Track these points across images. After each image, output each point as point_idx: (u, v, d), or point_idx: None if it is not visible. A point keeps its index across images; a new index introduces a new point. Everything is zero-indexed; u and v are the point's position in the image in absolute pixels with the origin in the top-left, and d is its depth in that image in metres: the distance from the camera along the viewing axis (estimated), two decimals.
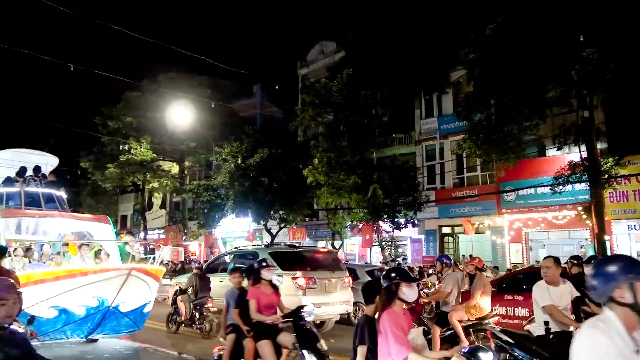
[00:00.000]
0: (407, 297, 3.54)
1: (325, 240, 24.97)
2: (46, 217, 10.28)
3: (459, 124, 20.31)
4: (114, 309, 7.77)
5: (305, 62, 28.95)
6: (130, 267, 7.88)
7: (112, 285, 7.52)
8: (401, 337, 3.34)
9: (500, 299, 9.73)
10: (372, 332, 3.52)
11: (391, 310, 3.47)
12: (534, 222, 18.92)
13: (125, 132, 29.13)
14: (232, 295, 6.17)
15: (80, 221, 10.83)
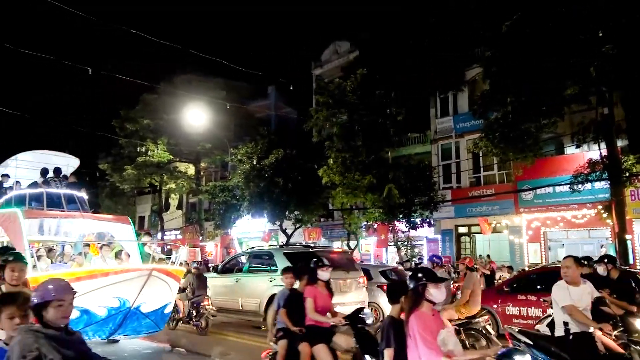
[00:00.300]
0: (434, 298, 3.43)
1: (341, 240, 24.93)
2: (67, 217, 10.33)
3: (475, 123, 20.09)
4: (135, 310, 7.73)
5: (319, 63, 28.96)
6: (151, 267, 7.86)
7: (134, 286, 7.48)
8: (430, 341, 3.24)
9: (513, 299, 9.63)
10: (397, 334, 3.43)
11: (419, 312, 3.36)
12: (552, 222, 18.62)
13: (142, 134, 29.47)
14: (283, 296, 5.84)
15: (101, 222, 10.88)
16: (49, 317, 2.73)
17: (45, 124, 49.69)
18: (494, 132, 15.20)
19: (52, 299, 2.74)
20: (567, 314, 4.66)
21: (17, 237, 8.89)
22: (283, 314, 5.59)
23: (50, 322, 2.73)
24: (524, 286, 9.95)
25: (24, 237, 8.69)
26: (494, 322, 9.54)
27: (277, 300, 5.87)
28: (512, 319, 9.36)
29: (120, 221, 11.07)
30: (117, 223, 10.95)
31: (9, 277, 3.99)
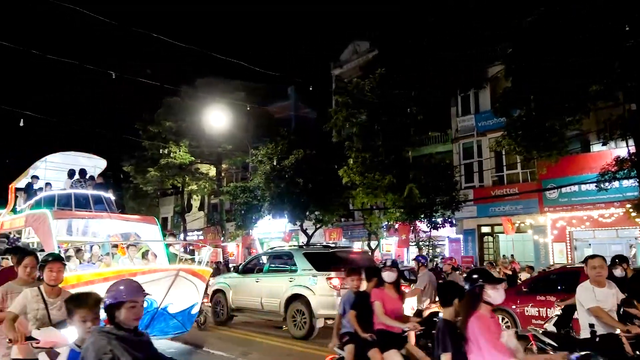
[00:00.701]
0: (493, 299, 3.25)
1: (362, 240, 24.84)
2: (95, 218, 10.46)
3: (497, 121, 19.77)
4: (162, 310, 7.67)
5: (338, 63, 28.92)
6: (178, 267, 7.81)
7: (161, 286, 7.36)
8: (498, 344, 3.08)
9: (532, 300, 9.48)
10: (453, 338, 3.28)
11: (480, 314, 3.20)
12: (578, 221, 18.19)
13: (164, 136, 29.91)
14: (349, 299, 5.44)
15: (128, 222, 10.96)
16: (121, 318, 2.72)
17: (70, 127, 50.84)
18: (516, 130, 14.93)
19: (125, 300, 2.73)
20: (593, 315, 4.54)
21: (46, 237, 9.03)
22: (352, 317, 5.20)
23: (122, 323, 2.72)
24: (543, 287, 9.76)
25: (53, 238, 8.80)
26: (512, 323, 9.48)
27: (342, 304, 5.53)
28: (531, 320, 9.20)
29: (147, 221, 11.14)
30: (143, 223, 11.03)
31: (48, 277, 4.02)
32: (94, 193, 10.97)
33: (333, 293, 9.57)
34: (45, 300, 3.99)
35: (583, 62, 12.00)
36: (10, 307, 3.98)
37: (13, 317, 3.84)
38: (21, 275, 4.40)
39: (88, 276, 7.66)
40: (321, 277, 9.91)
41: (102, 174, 12.75)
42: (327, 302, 9.57)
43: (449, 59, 17.42)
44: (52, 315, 3.95)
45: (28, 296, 3.94)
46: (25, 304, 3.91)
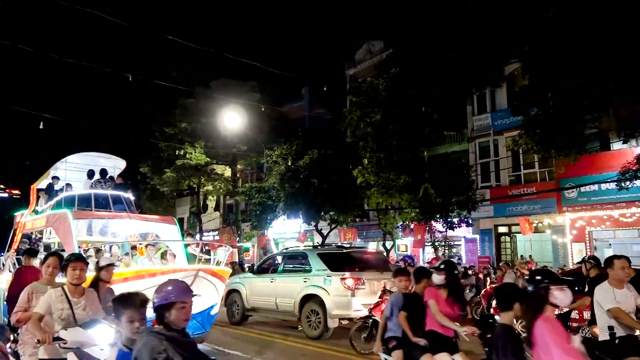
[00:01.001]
0: (560, 301, 3.09)
1: (377, 241, 24.74)
2: (114, 218, 10.43)
3: (514, 119, 19.50)
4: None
5: (352, 63, 28.86)
6: (197, 267, 7.69)
7: None
8: (571, 349, 2.87)
9: None
10: (514, 344, 3.15)
11: (547, 317, 3.05)
12: (598, 220, 17.84)
13: (180, 138, 30.20)
14: (397, 301, 5.17)
15: (148, 222, 10.93)
16: (171, 318, 2.69)
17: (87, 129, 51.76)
18: (534, 128, 14.69)
19: (175, 301, 2.70)
20: (612, 317, 4.43)
21: (67, 237, 9.04)
22: (403, 319, 4.94)
23: (172, 324, 2.69)
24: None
25: (73, 238, 8.82)
26: None
27: (390, 306, 5.26)
28: None
29: (166, 221, 11.06)
30: (162, 223, 10.97)
31: (71, 276, 4.06)
32: (113, 193, 10.98)
33: (347, 293, 9.54)
34: (70, 300, 4.03)
35: (602, 58, 11.77)
36: (35, 307, 4.02)
37: (39, 318, 3.88)
38: (45, 275, 4.48)
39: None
40: (335, 277, 9.89)
41: (121, 174, 12.85)
42: (341, 303, 9.54)
43: (463, 57, 17.23)
44: (77, 315, 3.99)
45: (52, 296, 3.98)
46: (50, 304, 3.94)
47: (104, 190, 11.04)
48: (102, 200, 10.55)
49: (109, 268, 5.22)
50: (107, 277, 5.24)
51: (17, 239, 11.99)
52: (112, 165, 12.42)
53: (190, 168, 30.14)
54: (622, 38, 11.45)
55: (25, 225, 12.05)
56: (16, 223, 13.05)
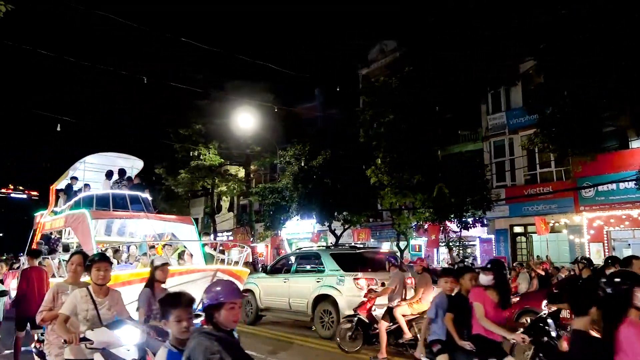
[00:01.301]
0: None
1: (390, 241, 24.62)
2: (132, 218, 10.40)
3: (529, 118, 19.30)
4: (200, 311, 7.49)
5: (365, 62, 28.78)
6: (215, 268, 7.55)
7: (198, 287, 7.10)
8: None
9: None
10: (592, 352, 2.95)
11: (632, 321, 2.85)
12: (616, 220, 17.52)
13: (194, 139, 30.41)
14: (442, 303, 4.99)
15: (165, 222, 10.88)
16: (221, 319, 2.69)
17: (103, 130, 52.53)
18: (550, 127, 14.50)
19: (225, 301, 2.70)
20: None
21: (85, 237, 9.02)
22: (449, 321, 4.73)
23: (221, 325, 2.69)
24: None
25: (92, 238, 8.79)
26: None
27: (434, 308, 5.06)
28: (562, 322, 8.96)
29: (184, 221, 11.02)
30: (180, 223, 10.91)
31: (96, 276, 4.05)
32: (131, 193, 10.93)
33: (360, 294, 9.50)
34: (94, 300, 4.02)
35: (620, 55, 11.57)
36: (61, 308, 4.01)
37: (65, 319, 3.88)
38: (69, 273, 4.52)
39: (125, 276, 7.57)
40: (348, 277, 9.87)
41: (138, 174, 12.83)
42: (354, 303, 9.50)
43: (477, 55, 17.09)
44: (102, 315, 4.00)
45: (77, 297, 3.98)
46: (75, 305, 3.94)
47: (121, 191, 11.02)
48: (120, 201, 10.55)
49: (164, 267, 5.09)
50: (162, 277, 5.11)
51: (36, 239, 12.08)
52: (130, 166, 12.43)
53: (204, 169, 30.33)
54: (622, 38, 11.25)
55: (44, 225, 12.12)
56: (36, 223, 13.16)
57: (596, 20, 11.65)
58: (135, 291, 6.86)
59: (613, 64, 11.70)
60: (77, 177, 12.23)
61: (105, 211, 10.12)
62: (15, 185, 76.77)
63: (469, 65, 18.75)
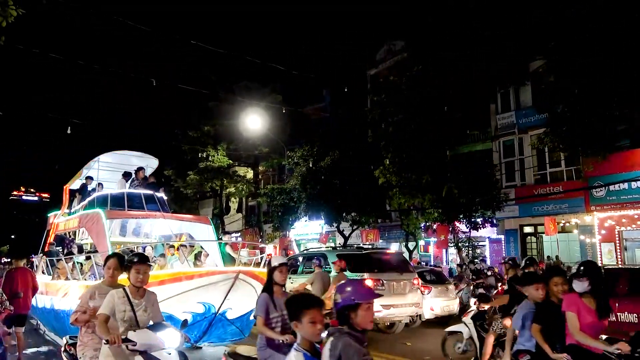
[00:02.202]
0: None
1: (399, 241, 24.50)
2: (148, 217, 10.11)
3: (539, 117, 19.11)
4: (220, 316, 7.05)
5: (373, 63, 28.71)
6: (237, 270, 7.14)
7: (219, 290, 6.76)
8: None
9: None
10: None
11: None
12: (629, 220, 17.26)
13: (203, 140, 30.56)
14: (528, 311, 4.51)
15: (182, 222, 10.55)
16: (358, 320, 2.62)
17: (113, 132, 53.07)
18: (560, 126, 14.33)
19: (361, 302, 2.63)
20: None
21: (99, 237, 8.77)
22: (536, 333, 4.24)
23: (357, 325, 2.62)
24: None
25: (106, 238, 8.51)
26: None
27: (520, 317, 4.59)
28: None
29: (200, 221, 10.78)
30: (197, 223, 10.64)
31: (135, 278, 3.96)
32: (146, 192, 10.59)
33: None
34: (131, 301, 3.93)
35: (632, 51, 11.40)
36: (100, 309, 3.91)
37: (105, 319, 3.80)
38: (106, 277, 4.43)
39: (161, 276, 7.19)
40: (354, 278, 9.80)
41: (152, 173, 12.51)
42: None
43: (484, 55, 16.95)
44: (139, 317, 3.90)
45: (115, 297, 3.90)
46: (113, 305, 3.87)
47: (137, 190, 10.69)
48: (135, 200, 10.29)
49: (282, 268, 4.50)
50: (281, 279, 4.47)
51: (49, 240, 11.92)
52: (145, 164, 12.11)
53: (213, 170, 30.46)
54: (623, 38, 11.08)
55: (57, 226, 11.94)
56: (49, 224, 12.99)
57: (596, 20, 11.51)
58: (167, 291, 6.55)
59: (620, 63, 11.53)
60: (91, 177, 12.02)
61: (120, 211, 9.83)
62: (26, 187, 77.68)
63: (476, 64, 18.62)
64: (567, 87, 13.98)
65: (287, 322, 3.84)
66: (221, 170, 30.79)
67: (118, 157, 11.94)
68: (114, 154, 11.83)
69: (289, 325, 3.83)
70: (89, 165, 11.96)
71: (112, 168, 11.98)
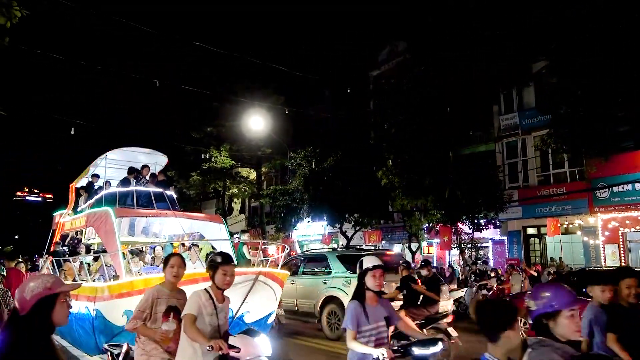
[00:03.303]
0: None
1: (402, 243, 24.44)
2: (159, 216, 9.68)
3: (542, 118, 19.07)
4: (238, 320, 6.51)
5: (376, 64, 28.69)
6: (257, 271, 6.59)
7: (238, 292, 6.11)
8: None
9: None
10: None
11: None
12: (632, 221, 17.17)
13: (206, 141, 30.61)
14: (597, 318, 3.93)
15: (194, 221, 10.06)
16: (560, 329, 2.33)
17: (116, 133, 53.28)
18: (563, 127, 14.26)
19: (562, 309, 2.34)
20: None
21: (108, 237, 8.33)
22: (614, 343, 3.72)
23: (560, 336, 2.33)
24: None
25: (116, 237, 8.08)
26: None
27: (588, 325, 3.98)
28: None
29: (213, 220, 10.27)
30: (209, 222, 10.13)
31: (222, 280, 3.53)
32: (156, 190, 10.09)
33: None
34: (215, 305, 3.51)
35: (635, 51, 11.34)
36: (185, 308, 3.46)
37: (193, 319, 3.37)
38: (168, 278, 3.90)
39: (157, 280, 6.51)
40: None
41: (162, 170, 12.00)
42: None
43: (488, 55, 16.89)
44: (220, 323, 3.53)
45: (202, 298, 3.48)
46: (200, 306, 3.43)
47: (146, 187, 10.19)
48: (144, 198, 9.84)
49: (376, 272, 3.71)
50: (374, 285, 3.71)
51: (55, 240, 11.63)
52: (153, 162, 11.68)
53: (215, 171, 30.50)
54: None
55: (63, 225, 11.56)
56: (54, 224, 12.60)
57: (596, 20, 11.46)
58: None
59: (620, 63, 11.47)
60: (98, 175, 11.67)
61: (130, 209, 9.39)
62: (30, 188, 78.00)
63: (478, 65, 18.57)
64: (569, 88, 13.92)
65: (383, 335, 3.60)
66: (224, 171, 30.82)
67: (126, 154, 11.40)
68: (121, 151, 11.33)
69: (384, 338, 3.59)
70: (96, 162, 11.55)
71: (120, 165, 11.54)
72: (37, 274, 8.79)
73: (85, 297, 7.76)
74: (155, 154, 11.79)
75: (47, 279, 2.27)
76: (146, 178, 10.61)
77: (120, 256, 7.64)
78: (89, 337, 7.61)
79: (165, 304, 3.74)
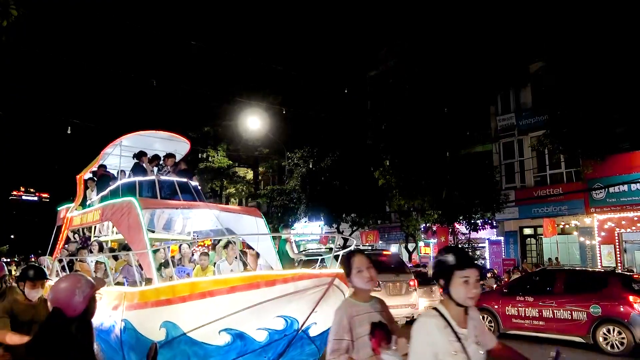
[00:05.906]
0: None
1: (399, 243, 24.47)
2: (191, 208, 8.34)
3: (539, 119, 19.12)
4: (302, 333, 5.23)
5: (373, 64, 28.69)
6: (334, 273, 5.02)
7: (307, 300, 5.01)
8: None
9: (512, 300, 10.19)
10: None
11: None
12: (628, 222, 17.23)
13: (203, 141, 30.60)
14: None
15: (229, 213, 8.73)
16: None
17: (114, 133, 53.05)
18: (560, 128, 14.32)
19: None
20: None
21: (134, 232, 7.06)
22: None
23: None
24: (522, 288, 10.46)
25: (144, 232, 6.83)
26: (495, 322, 10.40)
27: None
28: (512, 319, 10.15)
29: (250, 213, 8.77)
30: (245, 215, 8.69)
31: (465, 293, 2.38)
32: (180, 180, 8.82)
33: None
34: (457, 333, 2.32)
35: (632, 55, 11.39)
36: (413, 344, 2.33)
37: None
38: (359, 285, 2.87)
39: (207, 285, 5.40)
40: None
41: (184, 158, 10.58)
42: None
43: (485, 55, 16.93)
44: (471, 356, 2.32)
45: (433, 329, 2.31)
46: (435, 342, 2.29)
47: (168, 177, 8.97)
48: (167, 189, 8.59)
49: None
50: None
51: (62, 237, 10.34)
52: (173, 149, 10.12)
53: (213, 171, 30.51)
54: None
55: (72, 220, 10.22)
56: (60, 219, 11.22)
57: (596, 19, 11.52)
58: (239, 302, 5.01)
59: (618, 65, 11.53)
60: (105, 165, 10.54)
61: (155, 200, 8.13)
62: (26, 187, 77.71)
63: (476, 66, 18.61)
64: (565, 89, 13.99)
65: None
66: (221, 171, 30.84)
67: (141, 139, 9.95)
68: (136, 136, 9.90)
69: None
70: (106, 151, 10.10)
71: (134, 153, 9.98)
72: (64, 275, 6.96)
73: (108, 305, 6.55)
74: (175, 140, 10.28)
75: (86, 278, 2.40)
76: (168, 168, 9.44)
77: (150, 255, 6.45)
78: (115, 354, 6.39)
79: (367, 322, 2.74)
